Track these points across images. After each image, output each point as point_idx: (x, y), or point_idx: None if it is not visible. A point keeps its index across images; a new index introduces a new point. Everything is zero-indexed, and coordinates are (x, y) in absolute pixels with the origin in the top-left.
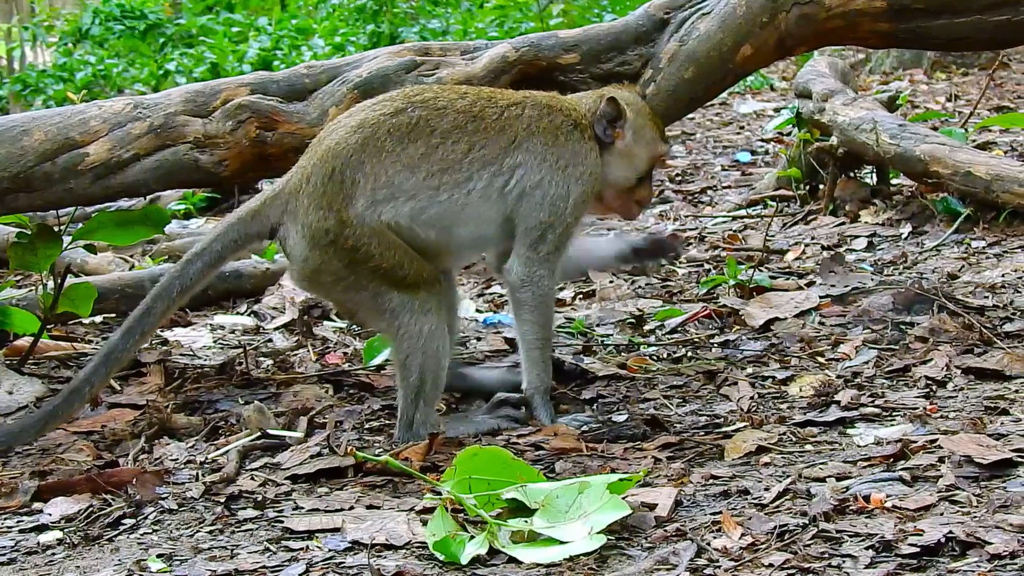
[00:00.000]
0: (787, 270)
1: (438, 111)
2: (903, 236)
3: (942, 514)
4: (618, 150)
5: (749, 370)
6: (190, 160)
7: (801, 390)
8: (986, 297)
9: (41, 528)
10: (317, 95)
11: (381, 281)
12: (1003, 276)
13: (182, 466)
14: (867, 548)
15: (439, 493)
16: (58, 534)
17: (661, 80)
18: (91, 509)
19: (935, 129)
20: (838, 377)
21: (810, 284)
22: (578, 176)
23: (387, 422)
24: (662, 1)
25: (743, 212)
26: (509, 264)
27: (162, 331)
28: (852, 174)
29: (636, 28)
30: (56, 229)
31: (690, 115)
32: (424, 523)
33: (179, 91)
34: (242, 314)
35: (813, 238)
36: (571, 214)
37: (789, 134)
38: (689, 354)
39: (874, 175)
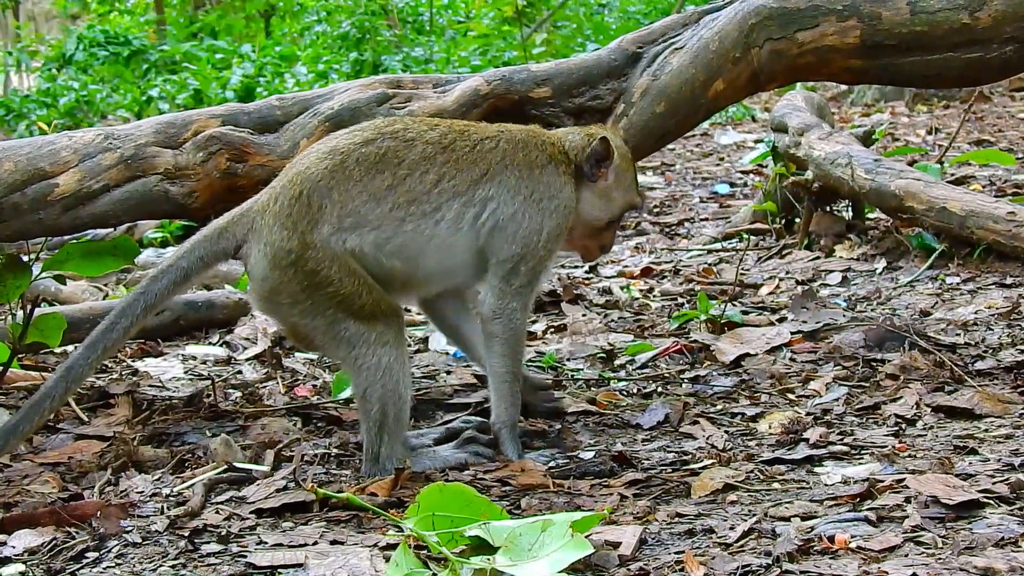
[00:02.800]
0: (761, 305)
1: (407, 143)
2: (877, 271)
3: (907, 555)
4: (599, 189)
5: (719, 406)
6: (160, 191)
7: (770, 427)
8: (958, 334)
9: (3, 561)
10: (288, 127)
11: (338, 308)
12: (976, 313)
13: (147, 499)
14: None
15: (402, 529)
16: (21, 567)
17: (633, 115)
18: (55, 542)
19: (912, 164)
20: (807, 414)
21: (782, 320)
22: (552, 209)
23: (355, 456)
24: (635, 35)
25: (719, 245)
26: (482, 296)
27: (132, 361)
28: (828, 208)
29: (608, 62)
30: (26, 259)
31: (670, 146)
32: (387, 559)
33: (150, 122)
34: (214, 344)
35: (788, 272)
36: (544, 247)
37: (767, 166)
38: (659, 390)
39: (849, 210)
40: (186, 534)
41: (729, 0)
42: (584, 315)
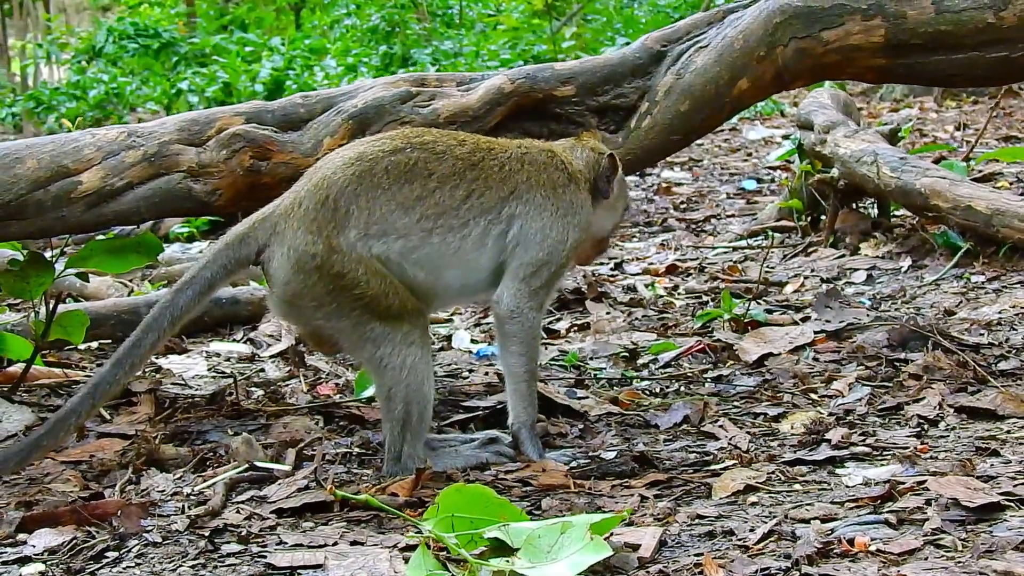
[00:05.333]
0: (785, 303)
1: (437, 155)
2: (903, 270)
3: (926, 559)
4: (607, 203)
5: (741, 406)
6: (183, 189)
7: (792, 427)
8: (982, 334)
9: (24, 560)
10: (312, 125)
11: (364, 310)
12: (1000, 313)
13: (168, 498)
14: None
15: (422, 530)
16: (41, 567)
17: (657, 113)
18: (75, 541)
19: (939, 160)
20: (830, 415)
21: (806, 319)
22: (576, 224)
23: (376, 455)
24: (659, 34)
25: (744, 243)
26: (498, 295)
27: (156, 358)
28: (854, 206)
29: (633, 61)
30: (50, 256)
31: (698, 142)
32: (407, 560)
33: (174, 120)
34: (238, 341)
35: (813, 270)
36: (566, 256)
37: (794, 162)
38: (682, 389)
39: (875, 208)
40: (206, 534)
41: None
42: (608, 313)
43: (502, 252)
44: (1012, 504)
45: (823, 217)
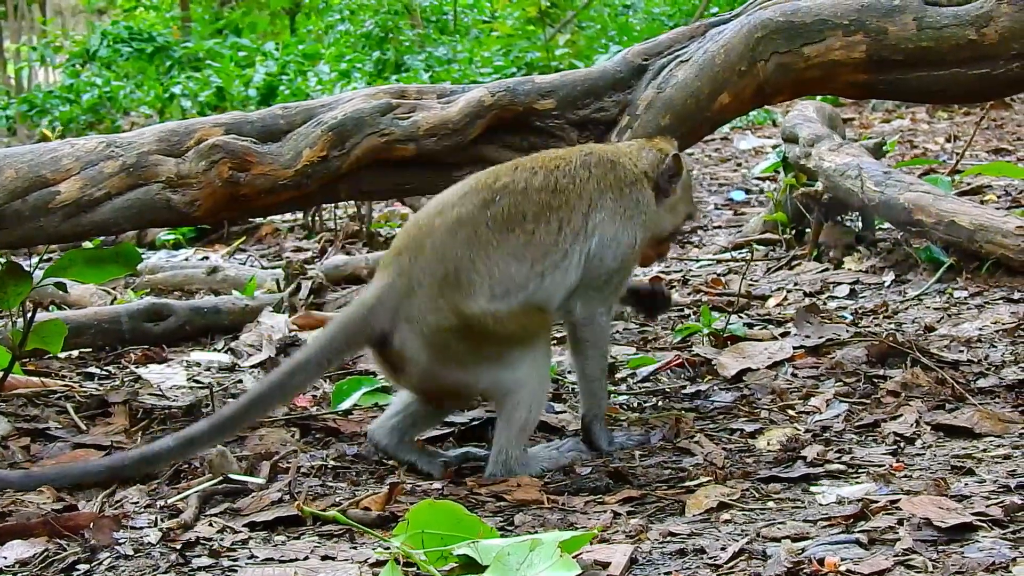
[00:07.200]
0: (767, 317)
1: (522, 194)
2: (886, 284)
3: None
4: (668, 204)
5: (718, 422)
6: (162, 200)
7: (768, 444)
8: (961, 351)
9: None
10: (291, 136)
11: (502, 345)
12: (981, 329)
13: (142, 510)
14: None
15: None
16: None
17: (638, 127)
18: (46, 553)
19: (927, 173)
20: (806, 431)
21: (785, 334)
22: (641, 223)
23: (351, 468)
24: (641, 47)
25: (728, 255)
26: (571, 305)
27: (136, 368)
28: (838, 219)
29: (614, 74)
30: (32, 264)
31: (688, 151)
32: None
33: (153, 130)
34: (219, 351)
35: (796, 284)
36: (633, 259)
37: (780, 174)
38: (659, 404)
39: (859, 221)
40: (178, 547)
41: (736, 13)
42: None
43: (589, 264)
44: (984, 525)
45: (808, 230)
